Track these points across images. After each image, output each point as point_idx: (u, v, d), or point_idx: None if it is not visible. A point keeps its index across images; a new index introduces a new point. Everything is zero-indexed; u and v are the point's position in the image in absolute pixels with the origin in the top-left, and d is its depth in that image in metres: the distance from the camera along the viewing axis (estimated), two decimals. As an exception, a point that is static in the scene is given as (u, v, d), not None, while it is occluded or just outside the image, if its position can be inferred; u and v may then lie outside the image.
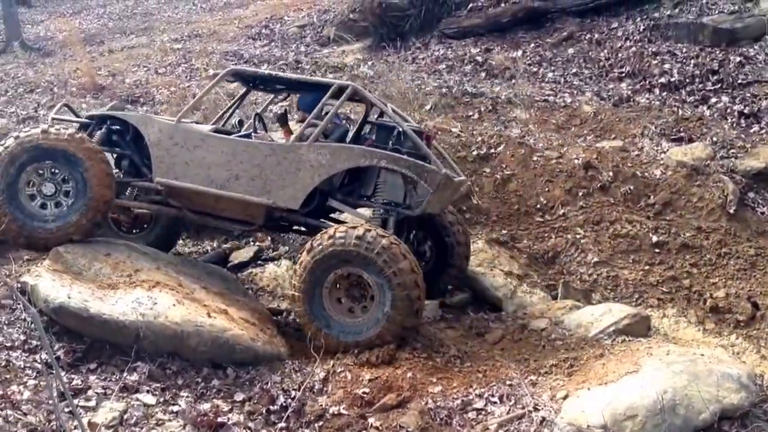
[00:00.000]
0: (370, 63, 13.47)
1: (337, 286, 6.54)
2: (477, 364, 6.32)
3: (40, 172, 7.04)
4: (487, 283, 8.23)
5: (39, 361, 5.69)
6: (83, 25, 21.29)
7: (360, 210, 7.51)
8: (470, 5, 14.08)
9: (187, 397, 5.69)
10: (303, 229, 7.76)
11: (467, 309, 8.06)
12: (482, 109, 11.25)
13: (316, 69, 13.24)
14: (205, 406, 5.58)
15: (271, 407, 5.68)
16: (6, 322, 6.08)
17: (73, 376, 5.63)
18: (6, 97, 13.51)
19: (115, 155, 7.65)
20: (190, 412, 5.42)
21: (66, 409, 5.04)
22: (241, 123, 8.29)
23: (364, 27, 14.54)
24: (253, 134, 7.62)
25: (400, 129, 7.21)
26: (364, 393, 5.74)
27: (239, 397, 5.80)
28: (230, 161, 7.07)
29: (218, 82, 7.82)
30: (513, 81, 12.19)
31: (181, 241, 9.01)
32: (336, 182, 7.24)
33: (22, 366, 5.59)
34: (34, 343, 5.93)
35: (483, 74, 12.57)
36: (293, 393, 5.82)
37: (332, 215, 7.82)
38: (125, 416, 5.23)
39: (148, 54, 15.22)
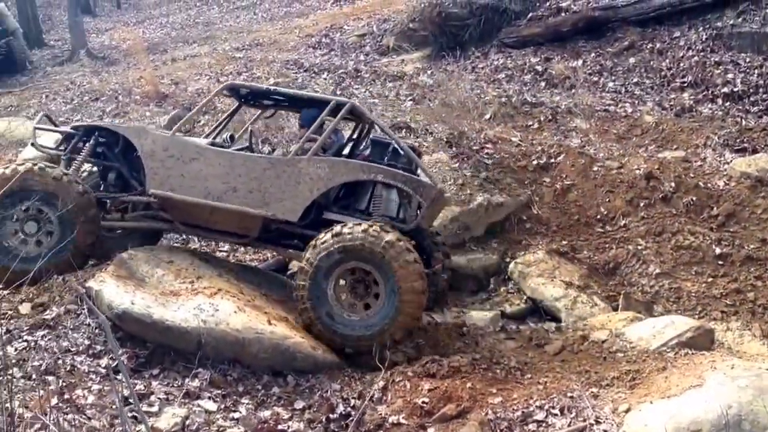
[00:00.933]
0: (429, 72, 13.47)
1: (343, 282, 6.64)
2: (537, 376, 6.25)
3: None
4: (547, 294, 8.16)
5: (103, 366, 5.80)
6: (146, 34, 21.78)
7: None
8: (530, 15, 13.98)
9: (248, 404, 5.75)
10: (295, 242, 7.67)
11: (527, 320, 8.01)
12: (542, 118, 11.17)
13: (375, 78, 13.29)
14: (266, 414, 5.63)
15: (330, 415, 5.70)
16: (71, 326, 6.21)
17: (136, 381, 5.72)
18: (72, 105, 13.87)
19: (101, 167, 7.63)
20: (251, 419, 5.47)
21: (129, 414, 5.13)
22: (232, 138, 8.26)
23: (423, 36, 14.55)
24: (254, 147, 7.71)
25: (395, 145, 7.28)
26: (423, 403, 5.73)
27: (299, 404, 5.83)
28: (228, 174, 7.11)
29: (215, 95, 7.99)
30: (573, 90, 12.07)
31: (242, 249, 9.10)
32: (332, 195, 7.31)
33: (87, 371, 5.70)
34: (98, 348, 6.05)
35: (543, 84, 12.48)
36: (353, 401, 5.85)
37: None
38: (187, 422, 5.30)
39: (209, 63, 15.46)
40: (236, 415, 5.53)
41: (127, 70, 16.58)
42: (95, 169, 7.81)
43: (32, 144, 8.26)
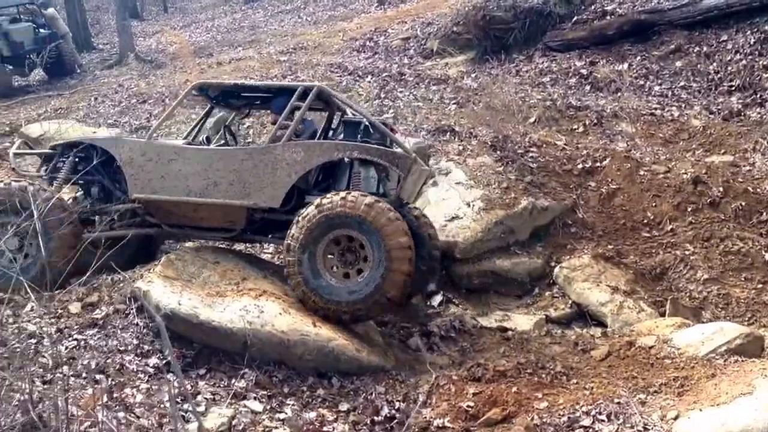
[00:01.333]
0: (473, 75, 13.41)
1: (331, 255, 6.75)
2: (583, 381, 6.21)
3: None
4: (592, 299, 8.08)
5: (151, 365, 5.89)
6: (193, 38, 22.05)
7: None
8: (575, 18, 13.86)
9: (293, 405, 5.79)
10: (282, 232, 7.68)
11: (572, 324, 7.95)
12: (587, 122, 11.05)
13: (419, 81, 13.26)
14: (311, 415, 5.67)
15: (375, 418, 5.74)
16: (120, 326, 6.32)
17: (183, 380, 5.80)
18: (120, 108, 14.07)
19: (82, 183, 7.69)
20: (297, 421, 5.51)
21: (178, 413, 5.20)
22: (208, 140, 8.36)
23: (467, 39, 14.51)
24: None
25: (367, 122, 7.43)
26: (468, 407, 5.72)
27: (344, 406, 5.87)
28: (207, 170, 7.27)
29: (184, 97, 8.16)
30: (619, 94, 11.93)
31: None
32: (311, 180, 7.44)
33: (135, 370, 5.80)
34: (146, 347, 6.16)
35: (588, 87, 12.36)
36: (397, 404, 5.86)
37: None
38: (233, 422, 5.35)
39: (254, 66, 15.56)
40: (282, 416, 5.59)
41: (173, 73, 16.78)
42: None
43: (12, 169, 8.39)
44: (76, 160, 7.64)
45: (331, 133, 8.17)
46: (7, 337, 4.37)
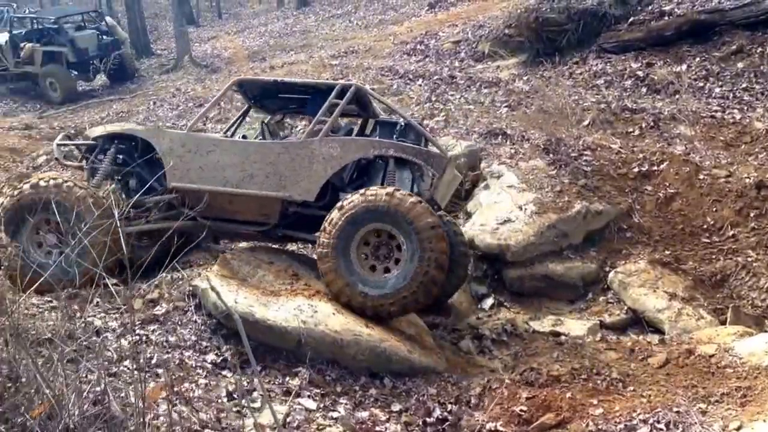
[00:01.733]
0: (525, 78, 13.31)
1: (366, 243, 6.75)
2: (640, 389, 6.07)
3: None
4: (649, 305, 7.91)
5: (209, 361, 5.96)
6: (246, 43, 22.35)
7: None
8: (631, 19, 13.62)
9: (346, 404, 5.79)
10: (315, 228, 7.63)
11: (627, 331, 7.80)
12: (643, 125, 10.84)
13: (470, 84, 13.23)
14: (363, 414, 5.66)
15: (427, 419, 5.71)
16: (179, 323, 6.41)
17: (239, 377, 5.85)
18: (177, 111, 14.34)
19: (120, 176, 7.76)
20: (349, 419, 5.50)
21: (234, 409, 5.24)
22: (245, 138, 8.36)
23: (519, 42, 14.38)
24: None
25: (403, 123, 7.51)
26: (521, 411, 5.65)
27: (396, 407, 5.85)
28: (244, 161, 7.35)
29: (225, 92, 8.19)
30: (677, 96, 11.68)
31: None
32: (346, 177, 7.48)
33: (194, 365, 5.86)
34: (204, 344, 6.23)
35: (644, 89, 12.12)
36: (449, 406, 5.83)
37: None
38: (288, 419, 5.37)
39: (306, 69, 15.72)
40: (335, 414, 5.58)
41: (228, 77, 17.01)
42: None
43: (56, 160, 8.54)
44: (117, 151, 7.78)
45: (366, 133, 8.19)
46: (74, 330, 4.47)
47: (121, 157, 7.76)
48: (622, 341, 7.40)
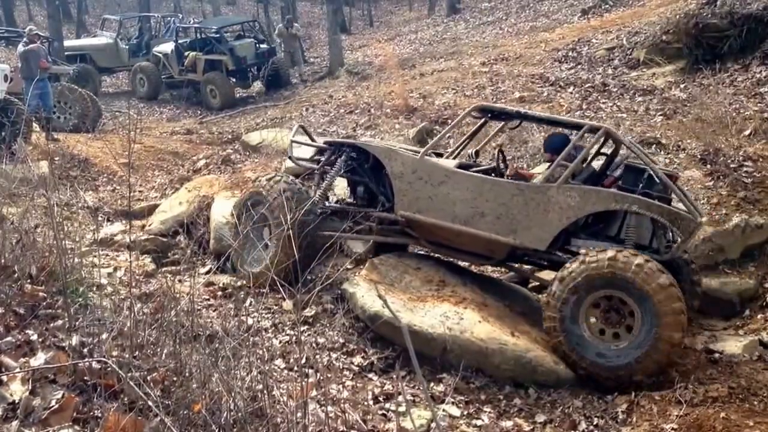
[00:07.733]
0: (682, 86, 12.87)
1: (595, 305, 6.43)
2: (802, 413, 5.80)
3: None
4: (813, 325, 7.52)
5: (356, 363, 6.17)
6: (397, 50, 22.69)
7: None
8: (799, 24, 12.95)
9: (490, 412, 5.83)
10: (539, 261, 7.62)
11: (788, 350, 7.43)
12: (813, 135, 10.27)
13: (623, 92, 12.93)
14: (507, 424, 5.68)
15: (572, 432, 5.67)
16: (328, 325, 6.68)
17: (384, 381, 6.03)
18: (329, 117, 14.77)
19: (352, 182, 8.00)
20: (493, 428, 5.56)
21: (379, 412, 5.41)
22: (477, 154, 8.23)
23: (677, 49, 13.90)
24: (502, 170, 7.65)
25: (651, 172, 6.91)
26: (672, 429, 5.51)
27: (540, 418, 5.84)
28: (476, 198, 7.09)
29: (464, 117, 7.96)
30: None
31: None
32: (580, 221, 7.06)
33: (341, 367, 6.09)
34: (351, 346, 6.46)
35: (814, 98, 11.48)
36: (596, 420, 5.76)
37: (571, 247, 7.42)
38: (432, 425, 5.48)
39: (456, 77, 15.79)
40: (479, 422, 5.64)
41: (378, 84, 17.37)
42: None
43: (289, 157, 8.86)
44: (348, 159, 7.90)
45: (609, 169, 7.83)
46: (230, 329, 4.75)
47: (351, 164, 7.91)
48: (783, 362, 7.06)
